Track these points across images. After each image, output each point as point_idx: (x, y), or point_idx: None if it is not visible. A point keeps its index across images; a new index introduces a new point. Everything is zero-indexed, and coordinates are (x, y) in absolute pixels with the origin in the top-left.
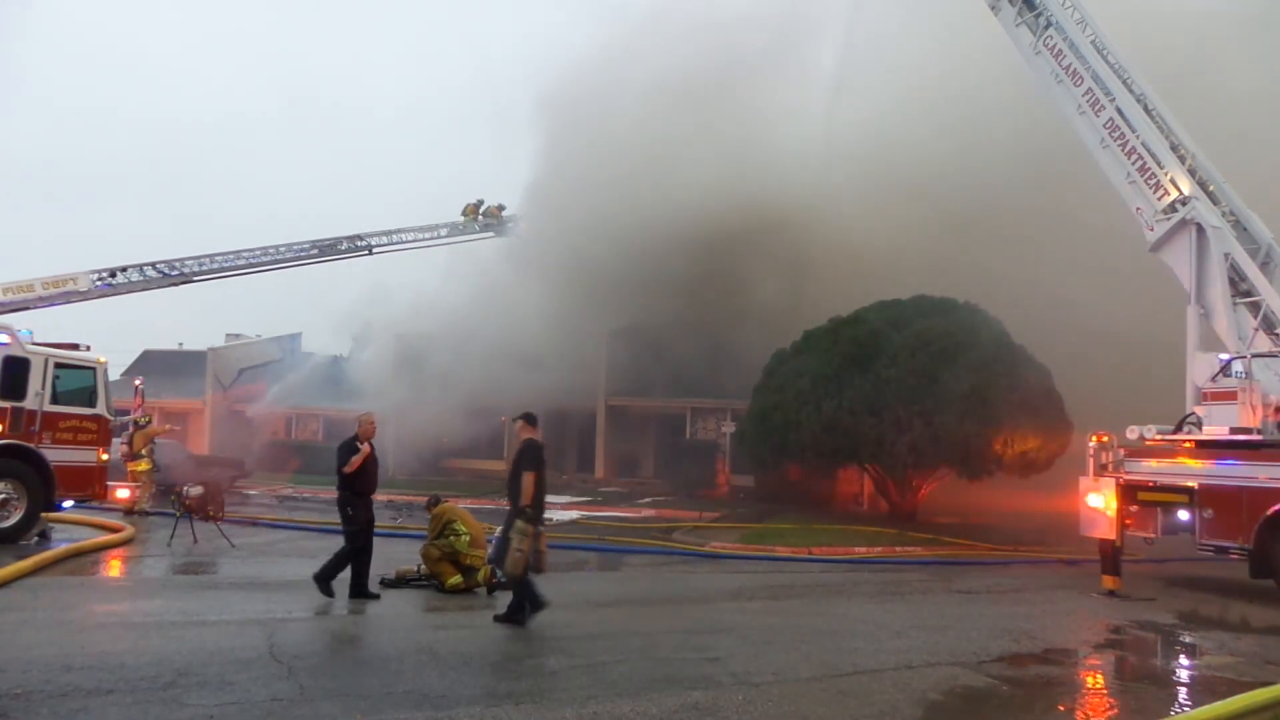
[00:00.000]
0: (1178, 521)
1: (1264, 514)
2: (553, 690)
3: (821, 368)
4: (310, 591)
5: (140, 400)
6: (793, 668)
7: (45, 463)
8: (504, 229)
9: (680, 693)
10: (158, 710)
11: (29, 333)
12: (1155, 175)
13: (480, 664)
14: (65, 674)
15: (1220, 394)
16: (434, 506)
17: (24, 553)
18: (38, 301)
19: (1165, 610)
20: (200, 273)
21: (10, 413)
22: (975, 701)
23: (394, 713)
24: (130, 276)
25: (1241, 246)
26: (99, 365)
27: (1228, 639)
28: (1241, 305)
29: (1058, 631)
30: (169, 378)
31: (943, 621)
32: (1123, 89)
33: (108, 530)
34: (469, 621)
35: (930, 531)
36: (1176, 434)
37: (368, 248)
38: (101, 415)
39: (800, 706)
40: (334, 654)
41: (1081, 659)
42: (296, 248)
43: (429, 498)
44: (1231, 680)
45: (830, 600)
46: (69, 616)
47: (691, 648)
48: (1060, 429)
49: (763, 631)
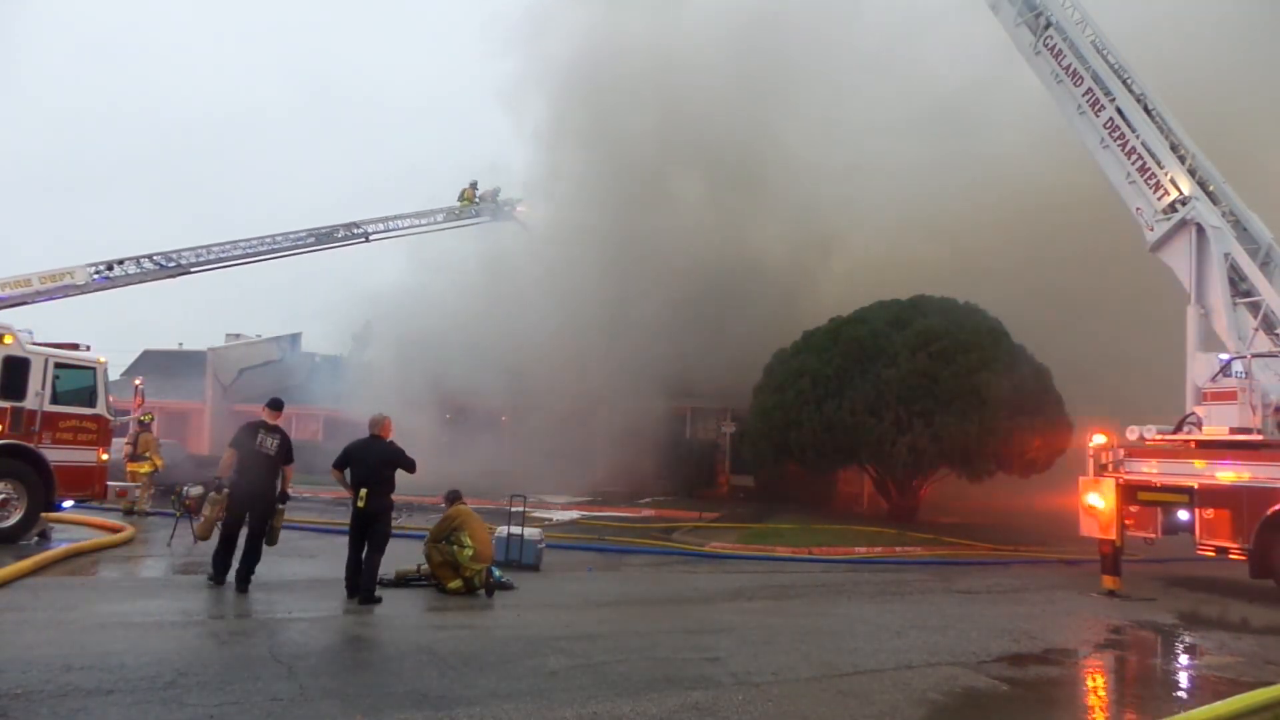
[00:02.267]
0: (1178, 521)
1: (1264, 514)
2: (553, 690)
3: (822, 368)
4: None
5: (140, 400)
6: (793, 668)
7: (45, 463)
8: (501, 213)
9: (680, 693)
10: (158, 710)
11: (29, 332)
12: (1155, 175)
13: (480, 664)
14: (65, 674)
15: (1220, 394)
16: (451, 503)
17: (24, 553)
18: (35, 296)
19: (1165, 610)
20: (198, 264)
21: (10, 413)
22: (975, 701)
23: (394, 713)
24: (127, 269)
25: (1241, 246)
26: (99, 365)
27: (1228, 639)
28: (1241, 305)
29: (1058, 631)
30: (169, 378)
31: (943, 621)
32: (1123, 89)
33: (108, 530)
34: (469, 621)
35: (930, 531)
36: (1176, 434)
37: (364, 235)
38: (101, 415)
39: (800, 706)
40: (334, 654)
41: (1081, 659)
42: (293, 237)
43: (449, 491)
44: (1231, 680)
45: (830, 600)
46: (69, 616)
47: (691, 648)
48: (1060, 429)
49: (763, 631)
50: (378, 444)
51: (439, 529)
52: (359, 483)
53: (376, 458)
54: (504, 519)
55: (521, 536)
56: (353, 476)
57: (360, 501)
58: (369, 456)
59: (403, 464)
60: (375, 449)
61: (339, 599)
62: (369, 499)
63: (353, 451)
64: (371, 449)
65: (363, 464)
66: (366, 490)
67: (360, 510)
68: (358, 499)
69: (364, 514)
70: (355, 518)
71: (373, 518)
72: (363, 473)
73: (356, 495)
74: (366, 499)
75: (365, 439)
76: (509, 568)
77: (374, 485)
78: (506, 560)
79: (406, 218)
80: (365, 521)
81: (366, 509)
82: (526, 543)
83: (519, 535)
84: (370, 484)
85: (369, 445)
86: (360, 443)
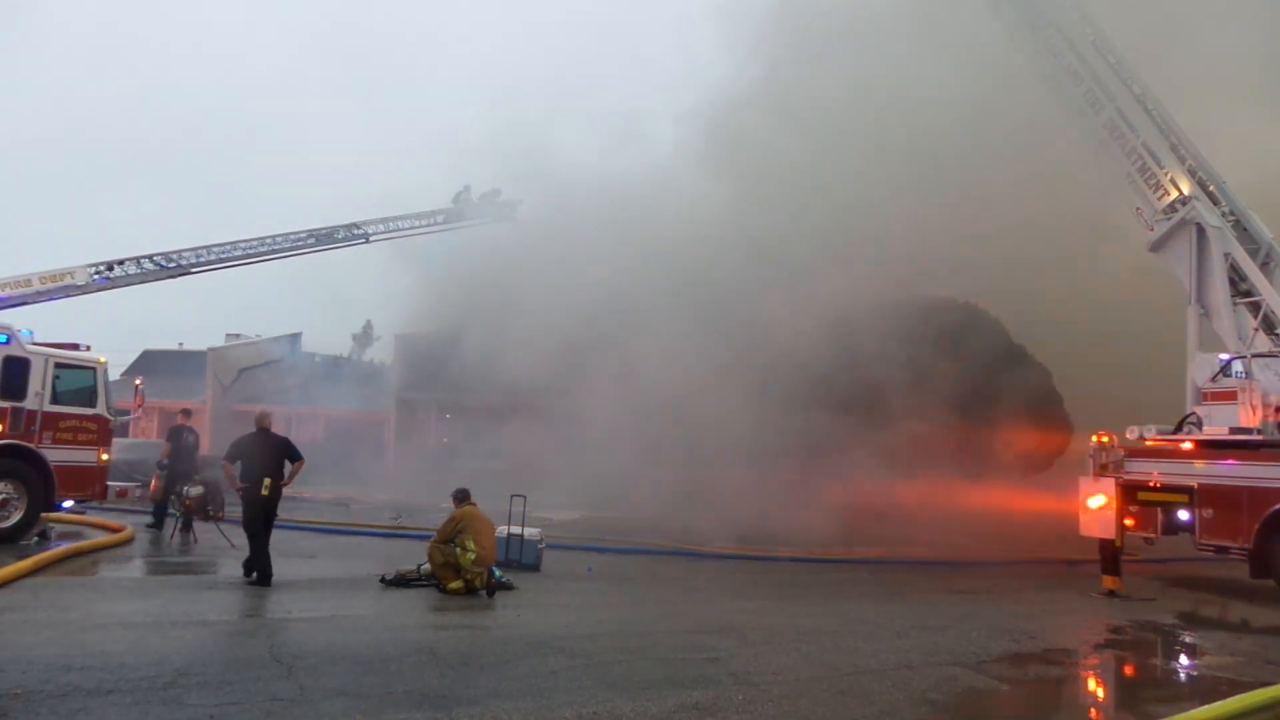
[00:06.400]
0: (1178, 521)
1: (1264, 514)
2: (553, 690)
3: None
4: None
5: (141, 400)
6: (793, 668)
7: (45, 463)
8: (501, 214)
9: (680, 693)
10: (158, 710)
11: (29, 332)
12: (1155, 175)
13: (480, 664)
14: (65, 674)
15: (1220, 394)
16: (460, 503)
17: (24, 553)
18: (35, 296)
19: (1165, 610)
20: (198, 264)
21: (10, 413)
22: (975, 701)
23: (394, 713)
24: (128, 269)
25: (1241, 246)
26: (99, 365)
27: (1228, 639)
28: (1241, 305)
29: (1058, 631)
30: (169, 378)
31: (943, 621)
32: (1123, 89)
33: (108, 530)
34: (469, 622)
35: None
36: (1176, 434)
37: (364, 236)
38: (101, 415)
39: (800, 706)
40: (334, 654)
41: (1081, 659)
42: (293, 237)
43: (458, 490)
44: (1231, 680)
45: (830, 600)
46: (69, 616)
47: (691, 648)
48: (1060, 429)
49: (763, 631)
50: (271, 437)
51: (446, 530)
52: (261, 473)
53: (273, 448)
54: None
55: (522, 536)
56: (249, 469)
57: (265, 490)
58: (265, 448)
59: (292, 453)
60: (270, 441)
61: (339, 599)
62: (273, 487)
63: (248, 445)
64: (267, 442)
65: (261, 456)
66: (270, 479)
67: (265, 498)
68: (262, 489)
69: (268, 501)
70: (260, 506)
71: (274, 503)
72: (263, 463)
73: (259, 486)
74: (270, 487)
75: (255, 433)
76: (509, 568)
77: (275, 474)
78: (507, 560)
79: (407, 218)
80: (269, 507)
81: (271, 496)
82: (527, 543)
83: (519, 535)
84: (272, 473)
85: (263, 439)
86: (252, 437)
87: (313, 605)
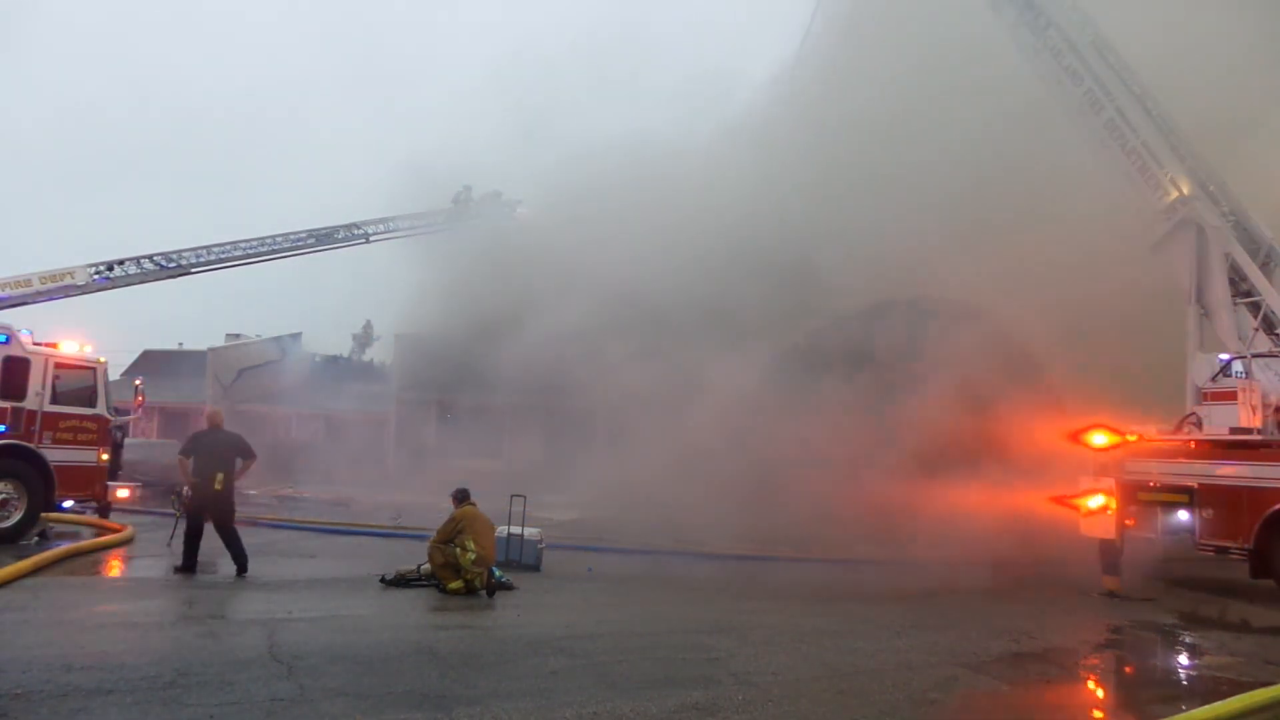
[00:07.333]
0: (1178, 521)
1: (1264, 514)
2: (553, 690)
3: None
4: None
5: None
6: (793, 668)
7: (45, 463)
8: (502, 215)
9: (680, 693)
10: (158, 710)
11: (29, 332)
12: (1155, 175)
13: (480, 664)
14: (65, 674)
15: (1220, 394)
16: (460, 502)
17: (24, 553)
18: (35, 296)
19: (1165, 610)
20: (198, 264)
21: (10, 413)
22: (975, 702)
23: (394, 713)
24: (128, 269)
25: (1241, 246)
26: (99, 365)
27: (1228, 639)
28: (1241, 305)
29: (1058, 631)
30: (169, 378)
31: (943, 621)
32: (1123, 89)
33: (108, 530)
34: (469, 622)
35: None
36: (1176, 434)
37: (364, 236)
38: (101, 415)
39: (800, 706)
40: (334, 654)
41: (1081, 659)
42: (293, 238)
43: (457, 490)
44: (1232, 680)
45: (830, 600)
46: (69, 616)
47: (691, 648)
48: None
49: (763, 631)
50: (224, 434)
51: (446, 530)
52: (214, 468)
53: (225, 445)
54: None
55: (522, 536)
56: (203, 463)
57: (218, 485)
58: (219, 444)
59: (244, 449)
60: (224, 438)
61: (339, 599)
62: (225, 481)
63: (203, 440)
64: (220, 438)
65: (215, 451)
66: (222, 474)
67: (218, 493)
68: (214, 483)
69: (220, 495)
70: (213, 499)
71: (225, 497)
72: (217, 458)
73: (212, 480)
74: (223, 481)
75: (210, 430)
76: (509, 568)
77: (228, 469)
78: (507, 560)
79: (406, 219)
80: (217, 501)
81: (223, 491)
82: (527, 543)
83: (519, 535)
84: (225, 468)
85: (217, 435)
86: (207, 433)
87: (313, 605)
